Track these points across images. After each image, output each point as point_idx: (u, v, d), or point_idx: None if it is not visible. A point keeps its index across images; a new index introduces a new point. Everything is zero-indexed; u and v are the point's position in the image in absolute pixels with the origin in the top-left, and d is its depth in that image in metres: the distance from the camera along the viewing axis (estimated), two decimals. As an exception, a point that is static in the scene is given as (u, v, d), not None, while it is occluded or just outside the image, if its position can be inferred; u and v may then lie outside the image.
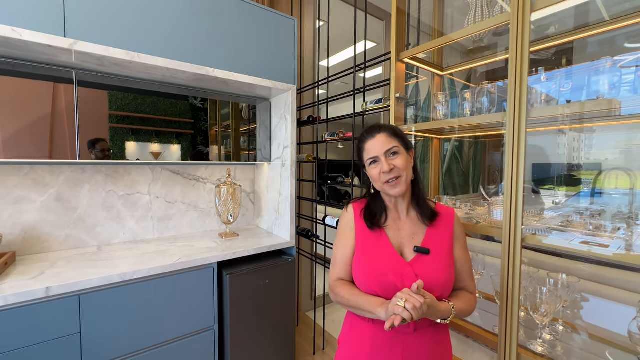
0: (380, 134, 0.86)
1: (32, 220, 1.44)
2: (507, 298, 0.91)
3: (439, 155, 1.48)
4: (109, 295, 1.21)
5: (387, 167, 0.82)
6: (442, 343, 0.87)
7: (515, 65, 0.82)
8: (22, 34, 1.06)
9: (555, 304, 0.91)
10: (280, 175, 1.88)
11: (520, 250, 0.87)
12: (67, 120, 1.35)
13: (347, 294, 0.83)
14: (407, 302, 0.69)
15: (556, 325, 1.00)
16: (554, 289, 0.93)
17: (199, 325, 1.45)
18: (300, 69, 2.43)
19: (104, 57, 1.24)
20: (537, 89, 0.89)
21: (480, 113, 1.03)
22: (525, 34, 0.80)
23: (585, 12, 1.01)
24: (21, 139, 1.26)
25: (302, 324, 2.43)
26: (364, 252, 0.86)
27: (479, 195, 2.36)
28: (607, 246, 0.95)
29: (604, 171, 1.74)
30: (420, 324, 0.81)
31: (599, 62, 0.82)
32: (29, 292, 1.05)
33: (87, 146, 1.41)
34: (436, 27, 1.46)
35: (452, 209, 0.93)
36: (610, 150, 1.69)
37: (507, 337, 0.91)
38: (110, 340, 1.21)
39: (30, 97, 1.27)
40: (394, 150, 0.85)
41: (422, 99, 1.60)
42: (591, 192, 1.84)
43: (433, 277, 0.80)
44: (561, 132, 2.00)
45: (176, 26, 1.41)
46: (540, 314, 0.91)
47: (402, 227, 0.89)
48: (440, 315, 0.77)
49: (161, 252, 1.50)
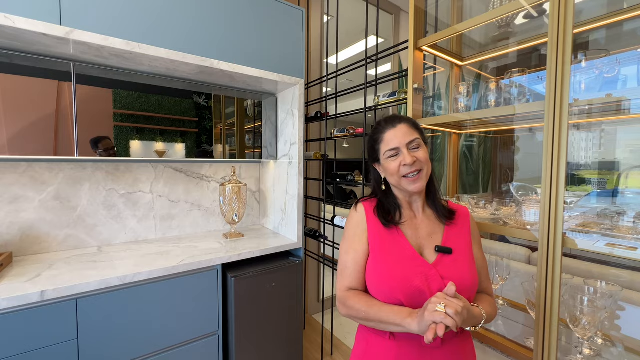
0: (401, 124, 0.79)
1: (30, 220, 1.38)
2: (544, 309, 0.82)
3: (457, 151, 1.39)
4: (108, 299, 1.14)
5: (410, 160, 0.75)
6: (469, 353, 0.79)
7: (556, 47, 0.73)
8: (15, 21, 1.00)
9: (597, 315, 0.81)
10: (287, 173, 1.81)
11: (560, 256, 0.78)
12: (71, 118, 1.31)
13: (365, 306, 0.73)
14: (447, 307, 0.60)
15: (594, 338, 0.90)
16: (594, 297, 0.84)
17: (203, 330, 1.38)
18: (307, 64, 2.35)
19: (102, 47, 1.17)
20: (576, 77, 0.80)
21: (508, 104, 0.94)
22: (569, 11, 0.71)
23: None
24: (26, 136, 1.23)
25: (309, 327, 2.35)
26: (381, 255, 0.77)
27: (495, 195, 2.26)
28: (636, 249, 0.87)
29: (623, 170, 1.63)
30: (447, 335, 0.73)
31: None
32: (22, 297, 0.98)
33: (91, 145, 1.36)
34: (455, 17, 1.37)
35: (466, 208, 0.86)
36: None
37: (545, 353, 0.82)
38: (109, 347, 1.15)
39: (35, 96, 1.23)
40: (416, 142, 0.78)
41: (442, 92, 1.50)
42: (613, 192, 1.73)
43: (459, 278, 0.72)
44: (576, 128, 1.89)
45: (179, 16, 1.34)
46: (581, 326, 0.81)
47: (419, 227, 0.81)
48: (474, 321, 0.69)
49: (163, 253, 1.43)
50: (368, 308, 0.72)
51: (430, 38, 1.14)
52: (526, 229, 0.87)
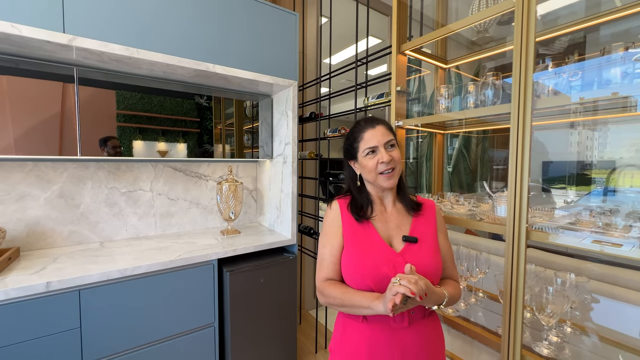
0: (380, 125, 0.86)
1: (36, 217, 1.46)
2: (510, 297, 0.87)
3: (442, 151, 1.44)
4: (109, 291, 1.21)
5: (387, 158, 0.82)
6: (436, 333, 0.86)
7: (520, 54, 0.79)
8: (22, 30, 1.07)
9: (563, 305, 0.86)
10: (282, 172, 1.87)
11: (525, 248, 0.84)
12: (76, 119, 1.38)
13: (339, 293, 0.80)
14: (402, 280, 0.68)
15: (564, 326, 0.96)
16: (562, 288, 0.89)
17: (200, 322, 1.44)
18: (302, 66, 2.41)
19: (103, 52, 1.24)
20: (544, 82, 0.85)
21: (484, 106, 1.00)
22: (531, 21, 0.76)
23: (597, 3, 0.97)
24: (32, 137, 1.29)
25: (305, 322, 2.42)
26: (354, 246, 0.84)
27: (485, 193, 2.30)
28: (621, 245, 0.91)
29: (617, 169, 1.68)
30: (415, 317, 0.80)
31: (611, 56, 0.78)
32: (29, 287, 1.06)
33: (99, 144, 1.43)
34: (439, 20, 1.42)
35: (433, 201, 0.93)
36: (626, 147, 1.63)
37: (511, 337, 0.87)
38: (110, 336, 1.22)
39: (40, 97, 1.29)
40: (391, 142, 0.86)
41: (429, 93, 1.56)
42: (604, 191, 1.78)
43: (424, 264, 0.80)
44: (573, 129, 1.94)
45: (176, 22, 1.40)
46: (546, 314, 0.87)
47: (389, 219, 0.88)
48: (436, 297, 0.76)
49: (162, 248, 1.50)
50: (342, 295, 0.79)
51: (412, 42, 1.20)
52: (497, 224, 0.93)
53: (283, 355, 1.72)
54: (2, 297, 1.01)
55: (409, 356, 0.78)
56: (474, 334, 1.10)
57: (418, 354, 0.79)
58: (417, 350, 0.79)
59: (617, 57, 0.76)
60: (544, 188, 2.23)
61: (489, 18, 0.88)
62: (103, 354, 1.21)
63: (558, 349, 0.90)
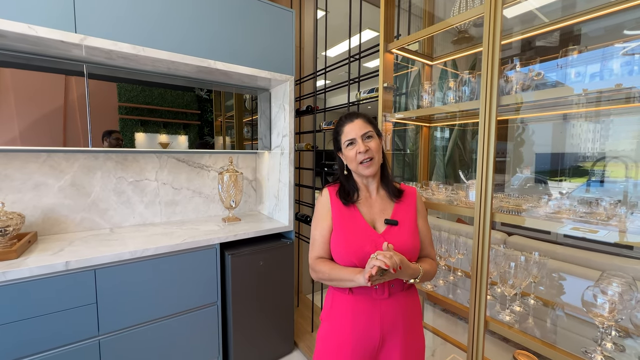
0: (358, 119, 0.95)
1: (51, 204, 1.57)
2: (477, 271, 0.98)
3: (427, 142, 1.54)
4: (121, 271, 1.33)
5: (364, 148, 0.92)
6: (413, 305, 0.97)
7: (488, 55, 0.88)
8: (38, 31, 1.16)
9: (525, 279, 0.98)
10: (280, 163, 1.97)
11: (489, 227, 0.95)
12: (79, 111, 1.45)
13: (328, 269, 0.92)
14: (378, 255, 0.79)
15: (528, 299, 1.07)
16: (526, 265, 1.00)
17: (204, 300, 1.57)
18: (300, 60, 2.48)
19: (112, 51, 1.33)
20: (515, 79, 0.94)
21: (461, 101, 1.09)
22: (497, 26, 0.85)
23: (556, 10, 1.05)
24: (37, 128, 1.37)
25: (302, 305, 2.56)
26: (341, 228, 0.95)
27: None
28: (597, 232, 1.01)
29: (605, 161, 1.79)
30: (394, 290, 0.91)
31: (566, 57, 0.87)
32: (51, 266, 1.17)
33: (102, 135, 1.51)
34: (427, 9, 1.48)
35: (414, 188, 1.04)
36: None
37: (477, 306, 0.99)
38: (123, 311, 1.34)
39: (44, 90, 1.37)
40: (369, 134, 0.95)
41: (416, 89, 1.65)
42: (588, 183, 1.90)
43: (402, 243, 0.91)
44: (564, 120, 2.04)
45: (179, 21, 1.49)
46: (508, 285, 0.98)
47: (373, 204, 0.99)
48: (411, 271, 0.86)
49: (168, 233, 1.62)
50: (330, 270, 0.91)
51: (399, 42, 1.28)
52: (468, 207, 1.03)
53: (281, 332, 1.86)
54: (27, 274, 1.13)
55: (387, 322, 0.90)
56: (452, 307, 1.21)
57: (395, 320, 0.91)
58: (394, 317, 0.91)
59: (572, 60, 0.86)
60: (537, 179, 2.34)
61: (465, 21, 0.96)
62: (117, 327, 1.33)
63: (521, 319, 1.01)
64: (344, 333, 0.92)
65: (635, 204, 0.93)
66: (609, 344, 0.83)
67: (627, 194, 1.58)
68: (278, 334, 1.85)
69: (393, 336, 0.91)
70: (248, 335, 1.71)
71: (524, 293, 1.07)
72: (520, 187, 2.19)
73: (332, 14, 2.70)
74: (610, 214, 0.87)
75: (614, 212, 0.88)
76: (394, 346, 0.91)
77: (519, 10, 0.87)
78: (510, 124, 2.49)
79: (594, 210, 0.92)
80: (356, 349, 0.90)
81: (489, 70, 0.88)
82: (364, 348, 0.90)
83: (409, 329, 0.93)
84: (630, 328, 0.87)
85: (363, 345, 0.90)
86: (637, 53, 0.87)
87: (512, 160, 2.50)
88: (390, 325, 0.91)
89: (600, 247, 1.57)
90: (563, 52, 0.87)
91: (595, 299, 0.83)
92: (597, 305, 0.82)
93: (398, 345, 0.91)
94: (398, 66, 1.52)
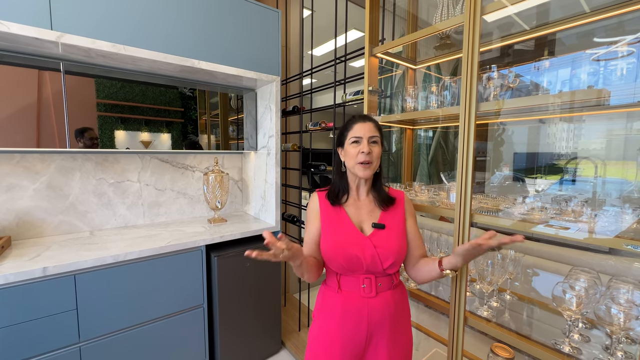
0: (370, 122, 0.99)
1: (26, 207, 1.51)
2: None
3: (411, 144, 1.58)
4: (103, 275, 1.30)
5: (367, 149, 0.95)
6: (400, 303, 1.01)
7: (467, 63, 0.92)
8: (10, 27, 1.11)
9: (501, 275, 1.03)
10: (266, 164, 1.97)
11: (469, 227, 0.99)
12: (54, 108, 1.38)
13: (303, 265, 0.95)
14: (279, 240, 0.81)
15: (504, 295, 1.13)
16: (502, 262, 1.06)
17: (189, 303, 1.55)
18: (286, 60, 2.47)
19: (90, 49, 1.29)
20: (492, 85, 0.98)
21: (443, 106, 1.13)
22: (476, 35, 0.89)
23: (531, 15, 1.11)
24: (7, 127, 1.29)
25: (290, 304, 2.57)
26: (329, 230, 0.98)
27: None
28: (568, 228, 1.07)
29: (577, 160, 1.89)
30: (380, 289, 0.95)
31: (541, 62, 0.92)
32: (27, 272, 1.13)
33: (75, 135, 1.44)
34: (410, 11, 1.52)
35: (402, 192, 1.07)
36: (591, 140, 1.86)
37: (457, 303, 1.03)
38: (105, 316, 1.31)
39: (14, 86, 1.29)
40: (375, 139, 0.98)
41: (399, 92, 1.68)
42: (561, 181, 2.00)
43: (388, 246, 0.94)
44: (542, 123, 2.14)
45: (162, 20, 1.45)
46: (486, 282, 1.04)
47: (362, 207, 1.02)
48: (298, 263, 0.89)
49: (152, 236, 1.59)
50: (302, 265, 0.93)
51: (383, 46, 1.31)
52: (449, 208, 1.08)
53: (268, 333, 1.87)
54: (1, 281, 1.09)
55: (374, 320, 0.94)
56: (435, 304, 1.26)
57: (382, 318, 0.95)
58: (382, 315, 0.94)
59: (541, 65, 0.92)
60: (515, 178, 2.44)
61: (447, 29, 1.00)
62: (99, 333, 1.30)
63: (498, 313, 1.07)
64: (334, 330, 0.95)
65: (603, 201, 1.00)
66: (576, 335, 0.89)
67: (595, 192, 1.68)
68: (265, 333, 1.86)
69: (379, 333, 0.95)
70: (235, 336, 1.71)
71: (500, 289, 1.13)
72: (499, 185, 2.28)
73: (318, 13, 2.70)
74: (579, 213, 0.93)
75: (582, 210, 0.94)
76: (380, 343, 0.95)
77: (498, 15, 0.91)
78: (490, 126, 2.59)
79: (563, 210, 0.98)
80: (346, 345, 0.94)
81: (468, 76, 0.92)
82: (353, 344, 0.94)
83: (395, 326, 0.97)
84: (595, 320, 0.94)
85: (351, 341, 0.94)
86: (605, 59, 0.93)
87: (492, 160, 2.60)
88: (377, 322, 0.94)
89: (572, 243, 1.67)
90: (537, 60, 0.92)
91: (564, 294, 0.89)
92: (565, 300, 0.87)
93: (384, 342, 0.94)
94: (383, 69, 1.55)
